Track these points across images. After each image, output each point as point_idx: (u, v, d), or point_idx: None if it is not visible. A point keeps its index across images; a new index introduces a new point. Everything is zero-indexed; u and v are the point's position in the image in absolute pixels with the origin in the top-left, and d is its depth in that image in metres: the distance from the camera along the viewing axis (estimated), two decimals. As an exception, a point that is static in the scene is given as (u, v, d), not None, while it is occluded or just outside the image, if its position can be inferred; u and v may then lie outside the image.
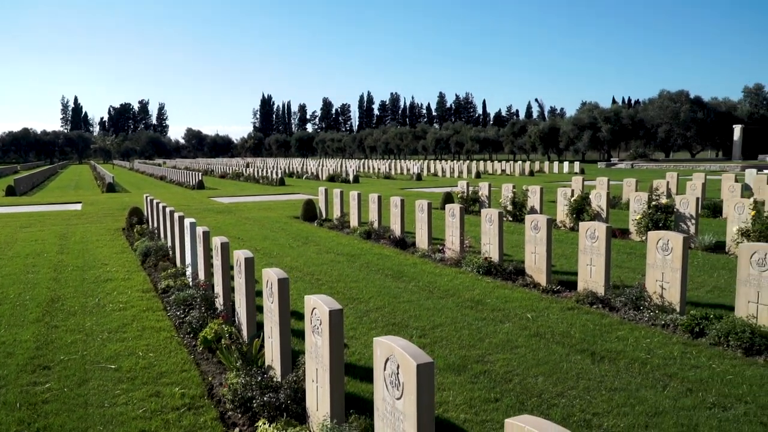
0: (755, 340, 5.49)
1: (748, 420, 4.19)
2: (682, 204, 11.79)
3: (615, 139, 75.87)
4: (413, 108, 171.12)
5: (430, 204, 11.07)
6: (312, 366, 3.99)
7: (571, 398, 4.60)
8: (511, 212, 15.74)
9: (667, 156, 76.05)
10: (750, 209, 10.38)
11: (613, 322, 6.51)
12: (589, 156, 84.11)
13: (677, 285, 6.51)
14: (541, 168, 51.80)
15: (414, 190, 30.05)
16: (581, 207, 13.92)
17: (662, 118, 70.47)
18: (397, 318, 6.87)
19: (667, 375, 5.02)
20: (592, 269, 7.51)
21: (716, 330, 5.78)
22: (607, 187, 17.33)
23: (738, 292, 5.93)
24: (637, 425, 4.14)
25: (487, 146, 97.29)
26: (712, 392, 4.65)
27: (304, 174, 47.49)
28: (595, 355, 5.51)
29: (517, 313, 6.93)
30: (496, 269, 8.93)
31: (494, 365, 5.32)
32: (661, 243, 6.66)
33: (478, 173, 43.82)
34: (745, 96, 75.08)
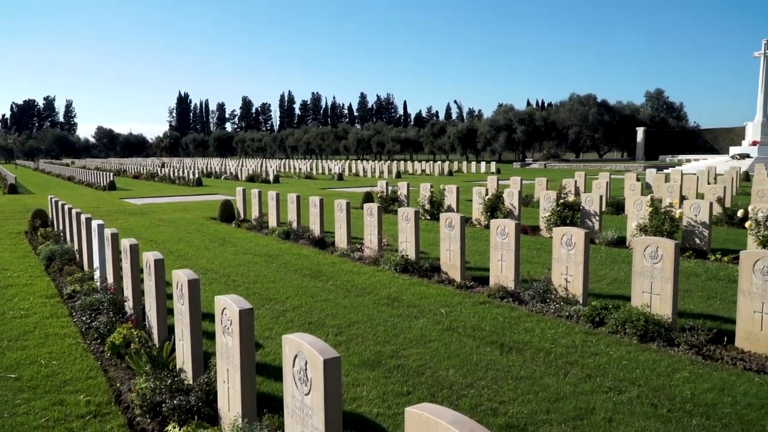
0: (649, 328, 5.89)
1: (641, 402, 4.50)
2: (588, 202, 12.43)
3: (529, 140, 78.73)
4: (335, 108, 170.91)
5: (349, 203, 11.13)
6: (223, 367, 3.96)
7: (479, 388, 4.78)
8: (429, 211, 16.07)
9: (578, 156, 79.68)
10: (648, 206, 11.08)
11: (521, 314, 6.80)
12: (505, 156, 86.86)
13: (580, 278, 6.88)
14: (460, 168, 53.05)
15: (335, 189, 30.06)
16: (495, 205, 14.40)
17: (572, 120, 73.79)
18: (314, 317, 6.89)
19: (568, 363, 5.31)
20: (502, 265, 7.81)
21: (614, 319, 6.16)
22: (520, 186, 18.00)
23: (633, 283, 6.33)
24: (539, 411, 4.36)
25: (408, 146, 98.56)
26: (609, 377, 4.96)
27: (223, 174, 46.46)
28: (504, 347, 5.74)
29: (432, 308, 7.11)
30: (413, 267, 9.11)
31: (408, 360, 5.44)
32: (565, 238, 7.02)
33: (398, 173, 44.34)
34: (647, 100, 79.89)
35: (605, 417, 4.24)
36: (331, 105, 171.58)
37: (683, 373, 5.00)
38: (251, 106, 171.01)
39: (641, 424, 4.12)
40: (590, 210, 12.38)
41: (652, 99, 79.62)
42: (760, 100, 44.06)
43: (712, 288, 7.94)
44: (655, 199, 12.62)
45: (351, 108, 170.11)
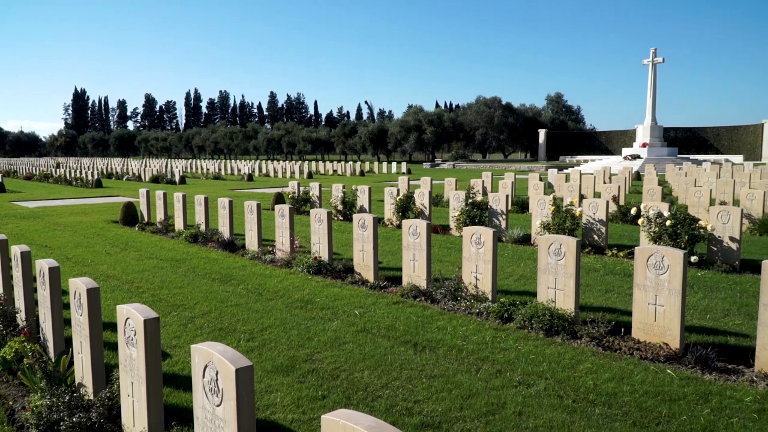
0: (554, 322, 6.14)
1: (548, 394, 4.68)
2: (495, 201, 12.83)
3: (438, 141, 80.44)
4: (244, 107, 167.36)
5: (259, 205, 10.91)
6: (127, 380, 3.75)
7: (394, 389, 4.80)
8: (342, 212, 16.04)
9: (484, 157, 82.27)
10: (550, 205, 11.58)
11: (434, 313, 6.90)
12: (415, 157, 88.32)
13: (489, 275, 7.08)
14: (371, 168, 53.41)
15: (245, 190, 29.40)
16: (406, 205, 14.58)
17: (479, 122, 76.11)
18: (224, 323, 6.68)
19: (480, 359, 5.44)
20: (415, 264, 7.90)
21: (522, 315, 6.38)
22: (430, 186, 18.32)
23: (539, 279, 6.58)
24: (453, 408, 4.44)
25: (319, 146, 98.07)
26: (518, 372, 5.13)
27: (125, 175, 44.33)
28: (418, 346, 5.81)
29: (346, 310, 7.08)
30: (326, 268, 9.04)
31: (322, 363, 5.39)
32: (474, 237, 7.19)
33: (310, 173, 44.00)
34: (548, 103, 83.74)
35: (515, 411, 4.37)
36: (240, 104, 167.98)
37: (586, 365, 5.24)
38: (155, 104, 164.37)
39: (549, 416, 4.28)
40: (497, 209, 12.78)
41: (553, 102, 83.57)
42: (649, 104, 47.22)
43: (609, 282, 8.40)
44: (557, 198, 13.22)
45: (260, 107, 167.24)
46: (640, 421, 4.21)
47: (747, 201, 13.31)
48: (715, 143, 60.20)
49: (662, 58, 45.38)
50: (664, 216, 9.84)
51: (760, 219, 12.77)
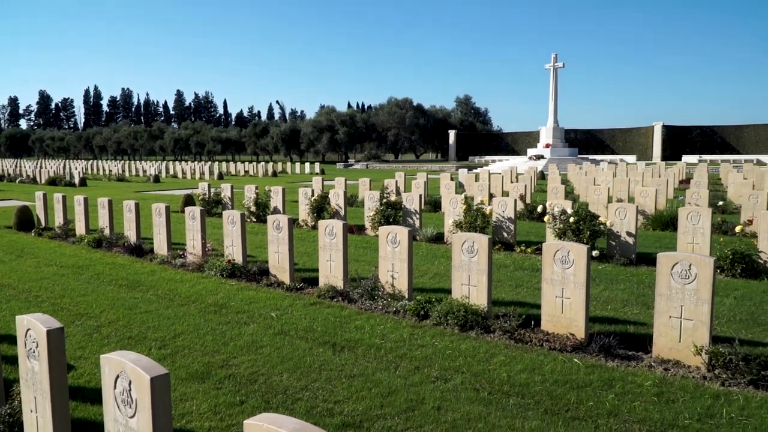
0: (468, 317, 6.31)
1: (465, 388, 4.80)
2: (408, 201, 13.02)
3: (351, 142, 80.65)
4: (149, 105, 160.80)
5: (168, 207, 10.51)
6: (29, 395, 3.52)
7: (314, 390, 4.78)
8: (255, 213, 15.75)
9: (397, 157, 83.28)
10: (462, 204, 11.89)
11: (351, 313, 6.92)
12: (328, 157, 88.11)
13: (405, 274, 7.18)
14: (284, 169, 52.77)
15: (151, 192, 28.27)
16: (321, 206, 14.52)
17: (391, 122, 76.98)
18: (133, 331, 6.40)
19: (398, 356, 5.50)
20: (331, 265, 7.89)
21: (438, 311, 6.52)
22: (344, 186, 18.33)
23: (453, 276, 6.75)
24: (373, 407, 4.47)
25: (229, 147, 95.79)
26: (435, 367, 5.23)
27: (18, 177, 41.45)
28: (336, 346, 5.80)
29: (262, 313, 6.97)
30: (240, 271, 8.86)
31: (239, 368, 5.27)
32: (390, 236, 7.27)
33: (220, 174, 42.92)
34: (457, 105, 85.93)
35: (434, 406, 4.46)
36: (145, 102, 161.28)
37: (500, 357, 5.43)
38: (50, 101, 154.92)
39: (466, 409, 4.40)
40: (411, 209, 12.98)
41: (462, 104, 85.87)
42: (551, 107, 49.46)
43: (519, 277, 8.74)
44: (467, 197, 13.59)
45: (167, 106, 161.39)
46: (551, 408, 4.40)
47: (641, 198, 14.22)
48: (611, 144, 63.88)
49: (563, 63, 47.64)
50: (567, 213, 10.35)
51: (653, 215, 13.69)
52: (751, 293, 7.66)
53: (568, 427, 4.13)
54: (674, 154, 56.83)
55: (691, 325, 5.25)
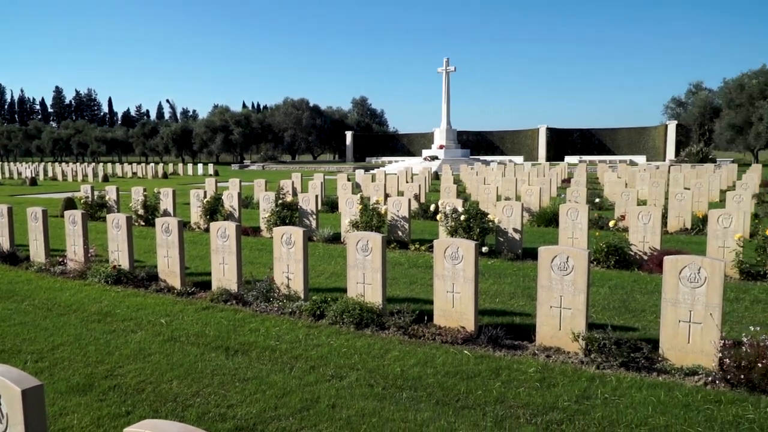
0: (364, 315, 6.38)
1: (359, 384, 4.86)
2: (305, 201, 12.96)
3: (246, 142, 78.99)
4: (24, 103, 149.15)
5: (45, 211, 9.83)
6: None
7: (206, 396, 4.65)
8: (143, 216, 15.08)
9: (294, 158, 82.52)
10: (358, 204, 12.00)
11: (246, 316, 6.80)
12: (223, 158, 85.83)
13: (300, 274, 7.14)
14: (175, 170, 50.81)
15: (27, 196, 26.28)
16: (215, 208, 14.14)
17: (287, 123, 76.18)
18: (6, 344, 5.94)
19: (293, 357, 5.48)
20: (224, 267, 7.70)
21: (333, 311, 6.54)
22: (239, 187, 17.94)
23: (349, 275, 6.80)
24: (267, 408, 4.42)
25: (115, 147, 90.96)
26: (330, 366, 5.25)
27: None
28: (230, 350, 5.68)
29: (151, 319, 6.69)
30: (127, 277, 8.45)
31: (125, 378, 5.04)
32: (285, 237, 7.21)
33: (106, 176, 40.68)
34: (353, 106, 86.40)
35: (329, 404, 4.48)
36: (19, 99, 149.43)
37: (394, 353, 5.54)
38: None
39: (361, 405, 4.46)
40: (307, 209, 12.93)
41: (358, 105, 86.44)
42: (444, 109, 50.98)
43: (413, 274, 8.94)
44: (364, 198, 13.71)
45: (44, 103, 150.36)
46: (442, 399, 4.55)
47: (527, 196, 14.99)
48: (500, 146, 66.77)
49: (454, 67, 49.24)
50: (458, 212, 10.72)
51: (538, 212, 14.46)
52: (624, 283, 8.28)
53: (458, 415, 4.29)
54: (558, 155, 60.28)
55: (570, 313, 5.61)
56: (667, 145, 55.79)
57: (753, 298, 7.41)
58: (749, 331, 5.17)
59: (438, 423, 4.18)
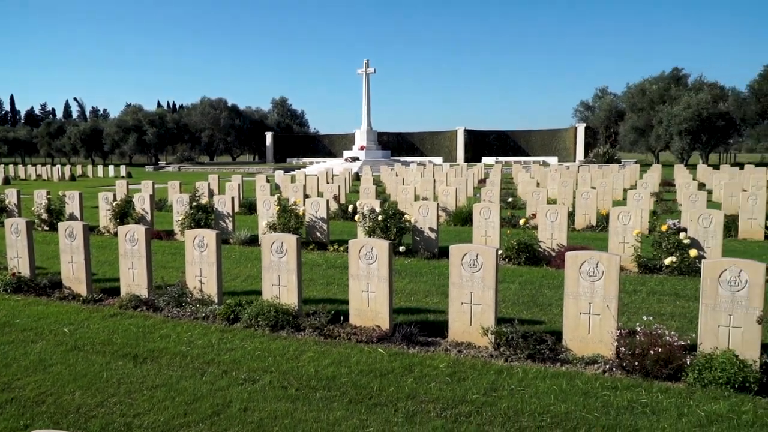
0: (279, 317, 6.33)
1: (273, 387, 4.83)
2: (220, 203, 12.70)
3: (161, 143, 76.35)
4: None
5: (-66, 217, 9.14)
6: None
7: (111, 405, 4.49)
8: (47, 221, 14.31)
9: (212, 159, 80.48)
10: (275, 205, 11.88)
11: (156, 322, 6.59)
12: (137, 159, 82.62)
13: (214, 278, 7.01)
14: (84, 172, 48.42)
15: None
16: (125, 211, 13.61)
17: (205, 123, 74.20)
18: None
19: (205, 362, 5.37)
20: (134, 272, 7.44)
21: (248, 314, 6.46)
22: (152, 190, 17.36)
23: (264, 277, 6.73)
24: (176, 415, 4.32)
25: (18, 148, 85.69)
26: (243, 369, 5.19)
27: None
28: (138, 358, 5.50)
29: (53, 329, 6.37)
30: (28, 285, 7.99)
31: (24, 390, 4.78)
32: (197, 240, 7.05)
33: (7, 179, 38.25)
34: (273, 107, 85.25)
35: (241, 407, 4.43)
36: None
37: (309, 354, 5.54)
38: None
39: (273, 407, 4.43)
40: (223, 211, 12.67)
41: (278, 106, 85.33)
42: (365, 111, 51.22)
43: (331, 275, 8.96)
44: (282, 199, 13.59)
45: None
46: (355, 398, 4.60)
47: (444, 197, 15.32)
48: (421, 147, 67.77)
49: (374, 69, 49.57)
50: (376, 212, 10.82)
51: (454, 211, 14.81)
52: (533, 278, 8.63)
53: (371, 412, 4.35)
54: (475, 156, 61.85)
55: (480, 309, 5.80)
56: (576, 146, 58.41)
57: (649, 290, 7.91)
58: (643, 321, 5.52)
59: (350, 421, 4.22)
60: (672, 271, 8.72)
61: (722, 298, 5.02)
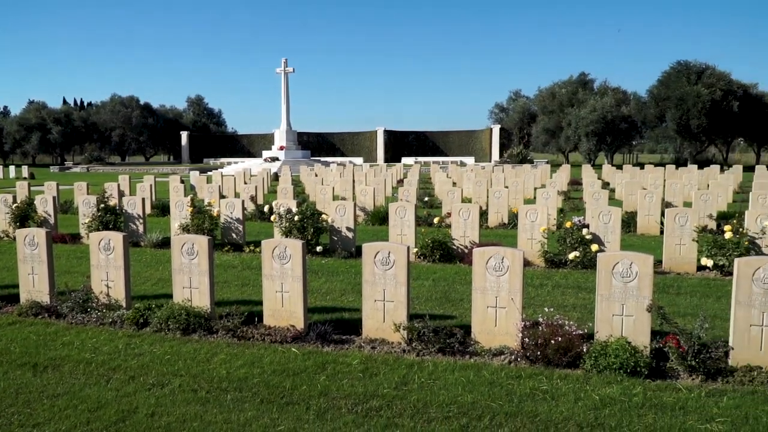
0: (191, 320, 6.21)
1: (182, 390, 4.74)
2: (130, 205, 12.26)
3: (68, 142, 72.49)
4: None
5: None
6: None
7: (8, 416, 4.28)
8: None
9: (124, 160, 77.19)
10: (188, 206, 11.60)
11: (59, 329, 6.31)
12: (41, 160, 78.04)
13: (121, 282, 6.78)
14: (-19, 173, 45.27)
15: None
16: (26, 214, 12.90)
17: (115, 122, 71.03)
18: None
19: (111, 369, 5.20)
20: (34, 278, 7.08)
21: (158, 318, 6.29)
22: (56, 191, 16.51)
23: (174, 280, 6.58)
24: (79, 424, 4.17)
25: None
26: (152, 374, 5.06)
27: None
28: (38, 367, 5.25)
29: (-58, 340, 5.97)
30: None
31: None
32: (103, 243, 6.80)
33: None
34: (188, 105, 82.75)
35: (148, 413, 4.33)
36: None
37: (221, 356, 5.47)
38: None
39: (182, 411, 4.36)
40: (134, 213, 12.24)
41: (194, 105, 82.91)
42: (284, 110, 50.68)
43: (246, 276, 8.86)
44: (197, 200, 13.29)
45: None
46: (267, 398, 4.59)
47: (362, 196, 15.45)
48: (341, 147, 67.82)
49: (293, 68, 49.06)
50: (293, 212, 10.78)
51: (372, 211, 14.96)
52: (446, 275, 8.87)
53: (282, 412, 4.36)
54: (395, 156, 62.53)
55: (393, 306, 5.92)
56: (492, 147, 60.21)
57: (555, 284, 8.32)
58: (545, 313, 5.81)
59: (261, 421, 4.21)
60: (576, 265, 9.20)
61: (616, 289, 5.37)
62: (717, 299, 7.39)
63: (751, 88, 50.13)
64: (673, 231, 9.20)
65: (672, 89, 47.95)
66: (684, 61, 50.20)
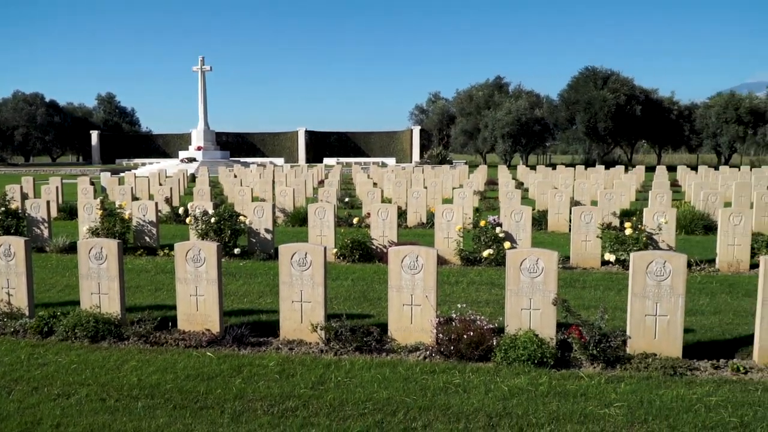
0: (99, 327, 5.98)
1: (90, 400, 4.57)
2: (34, 208, 11.62)
3: (-35, 142, 67.60)
4: None
5: None
6: None
7: None
8: None
9: (27, 160, 72.80)
10: (98, 209, 11.13)
11: (-47, 341, 5.93)
12: (-68, 160, 72.28)
13: (24, 289, 6.45)
14: None
15: None
16: None
17: (18, 120, 66.86)
18: None
19: (13, 380, 4.94)
20: (-76, 288, 6.60)
21: (64, 326, 6.03)
22: (-50, 194, 15.37)
23: (82, 286, 6.32)
24: (-25, 440, 3.95)
25: None
26: (57, 384, 4.85)
27: None
28: (-71, 382, 4.92)
29: None
30: None
31: None
32: (3, 249, 6.44)
33: None
34: (99, 104, 79.05)
35: (53, 424, 4.16)
36: None
37: (131, 363, 5.31)
38: None
39: (89, 421, 4.21)
40: (38, 217, 11.61)
41: (105, 103, 79.26)
42: (201, 110, 49.39)
43: (160, 280, 8.61)
44: (108, 202, 12.76)
45: None
46: (180, 403, 4.51)
47: (282, 197, 15.32)
48: (261, 147, 66.77)
49: (210, 66, 47.90)
50: (209, 214, 10.56)
51: (292, 212, 14.87)
52: (365, 275, 8.97)
53: (196, 416, 4.30)
54: (317, 157, 62.24)
55: (310, 306, 5.94)
56: (413, 148, 61.02)
57: (469, 281, 8.58)
58: (458, 309, 6.00)
59: (174, 426, 4.14)
60: (490, 262, 9.52)
61: (524, 284, 5.62)
62: (618, 292, 7.86)
63: (652, 93, 53.39)
64: (580, 228, 9.69)
65: (581, 93, 50.33)
66: (591, 67, 52.81)
